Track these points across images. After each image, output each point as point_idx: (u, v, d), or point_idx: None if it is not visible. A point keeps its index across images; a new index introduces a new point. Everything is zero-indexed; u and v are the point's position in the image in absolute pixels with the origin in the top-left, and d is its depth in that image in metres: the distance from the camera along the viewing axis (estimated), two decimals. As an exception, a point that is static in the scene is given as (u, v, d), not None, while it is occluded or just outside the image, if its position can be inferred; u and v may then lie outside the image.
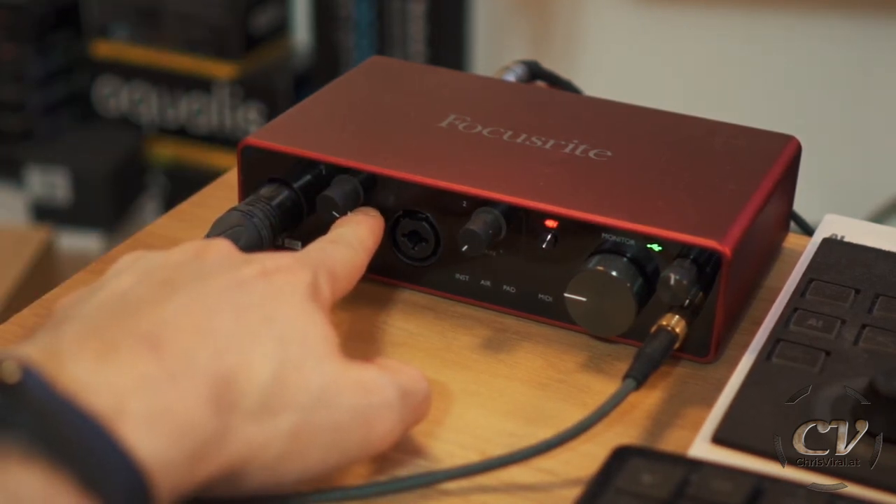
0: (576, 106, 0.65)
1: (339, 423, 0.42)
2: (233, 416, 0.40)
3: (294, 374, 0.42)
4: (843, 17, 1.66)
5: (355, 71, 0.68)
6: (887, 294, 0.54)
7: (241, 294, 0.43)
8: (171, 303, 0.42)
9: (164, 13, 1.85)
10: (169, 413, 0.38)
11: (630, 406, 0.51)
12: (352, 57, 1.79)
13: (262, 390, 0.41)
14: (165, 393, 0.38)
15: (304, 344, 0.43)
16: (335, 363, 0.43)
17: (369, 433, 0.43)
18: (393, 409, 0.44)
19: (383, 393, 0.44)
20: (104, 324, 0.40)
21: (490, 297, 0.57)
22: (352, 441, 0.43)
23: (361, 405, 0.43)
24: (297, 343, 0.42)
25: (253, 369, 0.41)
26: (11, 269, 1.52)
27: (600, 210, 0.53)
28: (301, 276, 0.45)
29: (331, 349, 0.44)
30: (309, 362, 0.42)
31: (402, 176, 0.56)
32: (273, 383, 0.41)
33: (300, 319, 0.43)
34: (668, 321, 0.51)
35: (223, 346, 0.41)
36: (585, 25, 1.78)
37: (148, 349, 0.39)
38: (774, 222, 0.60)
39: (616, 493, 0.42)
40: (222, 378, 0.40)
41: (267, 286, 0.44)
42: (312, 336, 0.43)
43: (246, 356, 0.41)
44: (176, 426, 0.38)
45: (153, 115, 1.92)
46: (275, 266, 0.45)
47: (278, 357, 0.42)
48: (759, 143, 0.60)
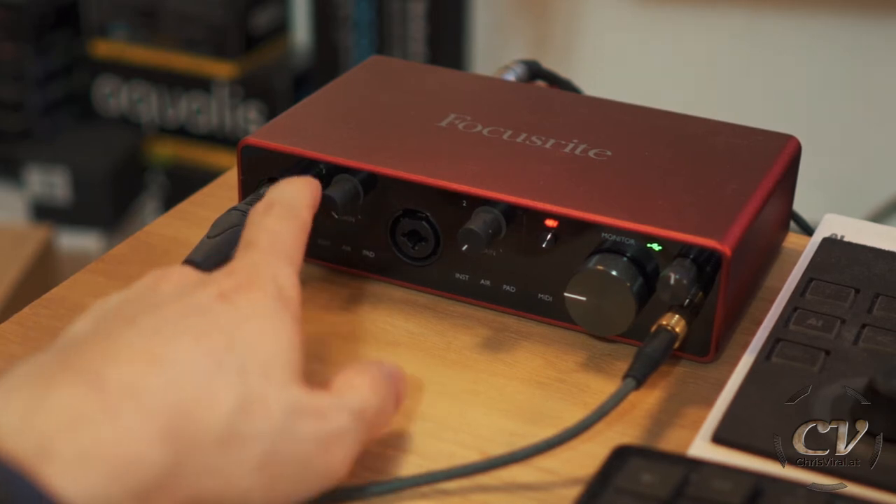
0: (576, 105, 0.65)
1: (303, 454, 0.41)
2: (192, 449, 0.39)
3: (257, 405, 0.40)
4: (843, 17, 1.66)
5: (355, 70, 0.68)
6: (887, 293, 0.54)
7: (199, 320, 0.41)
8: (121, 337, 0.40)
9: (163, 13, 1.85)
10: (106, 450, 0.36)
11: (630, 405, 0.51)
12: (351, 56, 1.79)
13: (226, 421, 0.39)
14: (102, 429, 0.37)
15: (266, 372, 0.41)
16: (295, 391, 0.42)
17: (330, 460, 0.42)
18: (348, 433, 0.43)
19: (338, 419, 0.43)
20: (45, 369, 0.39)
21: (490, 297, 0.57)
22: (316, 470, 0.42)
23: (321, 433, 0.42)
24: (258, 372, 0.41)
25: (214, 400, 0.39)
26: (11, 268, 1.52)
27: (600, 209, 0.53)
28: (261, 289, 0.44)
29: (292, 375, 0.42)
30: (271, 391, 0.41)
31: (402, 175, 0.56)
32: (236, 414, 0.40)
33: (263, 344, 0.42)
34: (668, 321, 0.51)
35: (179, 376, 0.39)
36: (585, 25, 1.78)
37: (87, 386, 0.38)
38: (774, 222, 0.60)
39: (616, 493, 0.42)
40: (178, 410, 0.39)
41: (227, 309, 0.42)
42: (275, 362, 0.42)
43: (207, 387, 0.40)
44: (115, 464, 0.36)
45: (153, 114, 1.92)
46: (232, 286, 0.43)
47: (241, 386, 0.40)
48: (759, 143, 0.60)
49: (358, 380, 0.45)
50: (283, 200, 0.49)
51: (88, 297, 0.57)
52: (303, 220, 0.49)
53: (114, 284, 0.58)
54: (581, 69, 1.76)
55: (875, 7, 1.64)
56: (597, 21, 1.77)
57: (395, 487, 0.46)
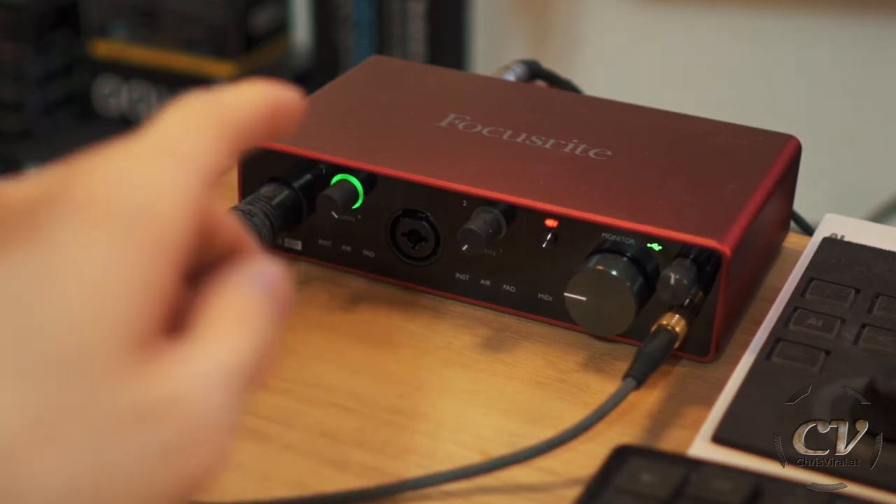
0: (575, 105, 0.65)
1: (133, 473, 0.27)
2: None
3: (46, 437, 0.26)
4: (843, 17, 1.66)
5: (355, 70, 0.68)
6: (887, 293, 0.54)
7: None
8: None
9: (163, 13, 1.85)
10: None
11: (630, 405, 0.51)
12: (351, 56, 1.79)
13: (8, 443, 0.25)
14: None
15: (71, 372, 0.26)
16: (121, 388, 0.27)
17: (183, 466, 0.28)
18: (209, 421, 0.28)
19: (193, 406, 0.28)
20: None
21: (490, 297, 0.57)
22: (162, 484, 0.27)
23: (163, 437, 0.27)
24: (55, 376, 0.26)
25: None
26: (11, 268, 1.51)
27: (600, 209, 0.53)
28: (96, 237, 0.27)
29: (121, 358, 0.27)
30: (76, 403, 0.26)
31: (402, 175, 0.56)
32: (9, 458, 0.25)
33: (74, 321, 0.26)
34: (668, 320, 0.51)
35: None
36: (585, 25, 1.78)
37: None
38: (774, 222, 0.60)
39: (616, 493, 0.42)
40: None
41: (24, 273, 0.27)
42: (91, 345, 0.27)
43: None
44: None
45: (153, 114, 1.92)
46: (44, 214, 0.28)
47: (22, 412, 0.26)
48: (758, 143, 0.60)
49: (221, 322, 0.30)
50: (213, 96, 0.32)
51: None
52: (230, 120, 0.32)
53: (114, 284, 0.58)
54: (581, 69, 1.76)
55: (875, 7, 1.64)
56: (597, 21, 1.77)
57: (398, 489, 0.46)
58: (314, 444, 0.49)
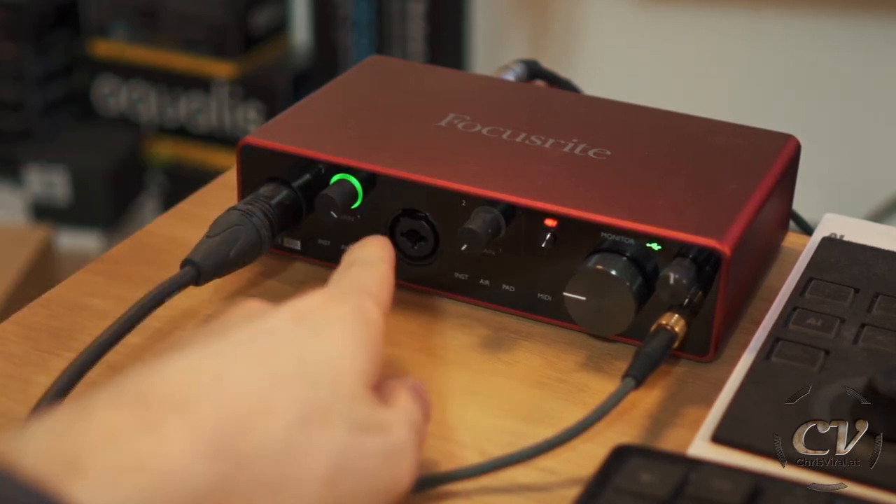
0: (575, 105, 0.65)
1: (370, 469, 0.40)
2: (245, 464, 0.36)
3: (321, 418, 0.39)
4: (843, 17, 1.66)
5: (354, 70, 0.68)
6: (886, 293, 0.54)
7: (267, 340, 0.40)
8: (177, 361, 0.38)
9: (163, 12, 1.85)
10: (143, 463, 0.35)
11: (629, 405, 0.51)
12: (351, 56, 1.79)
13: (285, 434, 0.37)
14: (140, 443, 0.35)
15: (335, 386, 0.40)
16: (363, 406, 0.40)
17: (395, 475, 0.41)
18: (409, 446, 0.42)
19: (400, 433, 0.41)
20: (92, 396, 0.37)
21: (489, 297, 0.57)
22: (384, 484, 0.41)
23: (387, 448, 0.41)
24: (327, 385, 0.39)
25: (274, 412, 0.38)
26: (11, 268, 1.52)
27: (600, 209, 0.53)
28: (341, 307, 0.42)
29: (363, 389, 0.41)
30: (339, 405, 0.39)
31: (402, 175, 0.56)
32: (297, 427, 0.38)
33: (337, 356, 0.40)
34: (668, 320, 0.51)
35: (236, 392, 0.37)
36: (585, 25, 1.78)
37: (130, 404, 0.36)
38: (774, 221, 0.60)
39: (615, 492, 0.42)
40: (231, 422, 0.37)
41: (300, 328, 0.41)
42: (346, 375, 0.40)
43: (265, 400, 0.38)
44: (153, 477, 0.34)
45: (152, 114, 1.92)
46: (308, 307, 0.42)
47: (304, 400, 0.39)
48: (758, 143, 0.60)
49: (403, 392, 0.44)
50: (362, 256, 0.47)
51: (88, 297, 0.57)
52: (383, 269, 0.47)
53: (113, 284, 0.58)
54: (581, 69, 1.76)
55: (875, 7, 1.64)
56: (597, 21, 1.77)
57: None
58: (313, 444, 0.48)
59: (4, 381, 0.52)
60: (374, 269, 0.46)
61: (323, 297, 0.43)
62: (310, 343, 0.40)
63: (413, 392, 0.44)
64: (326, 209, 0.55)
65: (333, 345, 0.41)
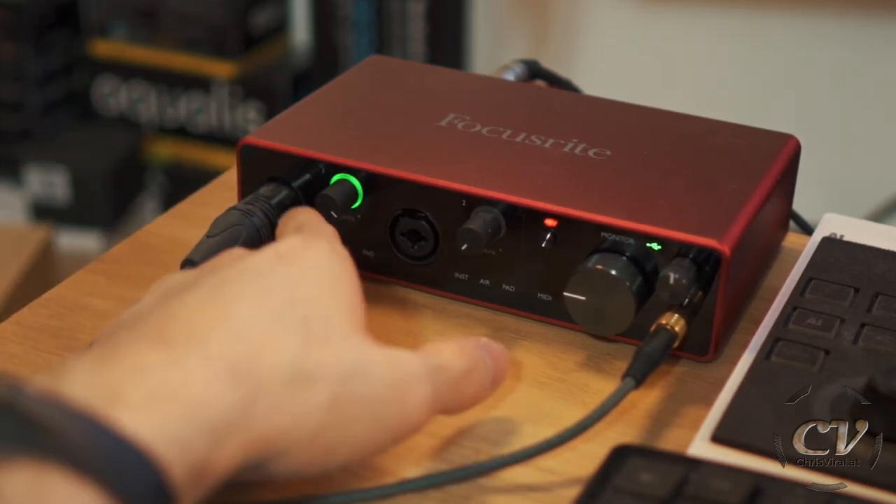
0: (575, 105, 0.65)
1: (375, 394, 0.42)
2: (260, 389, 0.39)
3: (323, 348, 0.42)
4: (843, 17, 1.66)
5: (354, 70, 0.68)
6: (886, 293, 0.54)
7: (259, 280, 0.43)
8: (183, 301, 0.42)
9: (163, 12, 1.85)
10: (173, 392, 0.38)
11: (629, 405, 0.51)
12: (351, 56, 1.79)
13: (292, 362, 0.41)
14: (168, 375, 0.38)
15: (327, 323, 0.42)
16: (361, 338, 0.43)
17: (404, 405, 0.43)
18: (423, 380, 0.44)
19: (411, 365, 0.44)
20: (112, 337, 0.41)
21: (489, 296, 0.57)
22: (390, 413, 0.43)
23: (393, 376, 0.43)
24: (320, 322, 0.42)
25: (279, 345, 0.41)
26: (10, 268, 1.52)
27: (600, 209, 0.53)
28: (317, 250, 0.45)
29: (356, 326, 0.44)
30: (335, 337, 0.42)
31: (402, 175, 0.56)
32: (303, 356, 0.41)
33: (324, 299, 0.43)
34: (668, 320, 0.51)
35: (242, 328, 0.41)
36: (585, 25, 1.78)
37: (152, 343, 0.39)
38: (774, 221, 0.60)
39: (615, 492, 0.42)
40: (243, 356, 0.40)
41: (286, 268, 0.44)
42: (337, 315, 0.43)
43: (270, 334, 0.41)
44: (185, 403, 0.38)
45: (152, 114, 1.92)
46: (288, 249, 0.45)
47: (304, 334, 0.41)
48: (758, 143, 0.60)
49: (443, 345, 0.46)
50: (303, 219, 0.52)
51: (88, 296, 0.57)
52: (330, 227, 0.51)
53: (113, 284, 0.58)
54: (581, 69, 1.76)
55: (875, 7, 1.64)
56: (597, 21, 1.77)
57: (398, 489, 0.45)
58: (313, 444, 0.48)
59: (4, 381, 0.51)
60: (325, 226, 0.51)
61: (299, 239, 0.46)
62: (295, 286, 0.43)
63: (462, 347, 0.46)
64: (326, 209, 0.55)
65: (316, 287, 0.43)
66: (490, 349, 0.47)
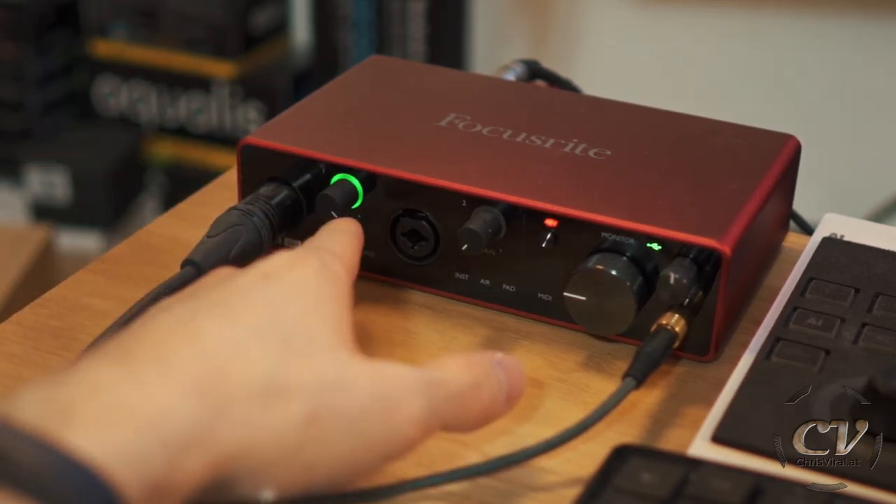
0: (575, 105, 0.65)
1: (358, 408, 0.40)
2: (229, 403, 0.38)
3: (302, 361, 0.40)
4: (843, 17, 1.66)
5: (354, 70, 0.68)
6: (887, 293, 0.54)
7: (239, 300, 0.41)
8: (157, 321, 0.40)
9: (163, 12, 1.85)
10: (128, 407, 0.36)
11: (630, 405, 0.51)
12: (351, 56, 1.79)
13: (267, 376, 0.39)
14: (124, 391, 0.37)
15: (310, 339, 0.41)
16: (347, 353, 0.42)
17: (391, 420, 0.41)
18: (415, 394, 0.41)
19: (401, 379, 0.42)
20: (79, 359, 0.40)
21: (489, 296, 0.57)
22: (375, 429, 0.41)
23: (379, 390, 0.41)
24: (303, 339, 0.41)
25: (253, 358, 0.39)
26: (10, 268, 1.52)
27: (600, 209, 0.53)
28: (306, 267, 0.44)
29: (342, 342, 0.42)
30: (318, 353, 0.41)
31: (402, 175, 0.56)
32: (279, 370, 0.39)
33: (308, 318, 0.42)
34: (668, 320, 0.51)
35: (212, 344, 0.39)
36: (585, 25, 1.78)
37: (112, 362, 0.38)
38: (774, 221, 0.60)
39: (615, 492, 0.42)
40: (210, 370, 0.38)
41: (270, 288, 0.42)
42: (321, 332, 0.41)
43: (243, 350, 0.39)
44: (142, 416, 0.36)
45: (152, 114, 1.92)
46: (274, 267, 0.43)
47: (282, 349, 0.40)
48: (758, 143, 0.60)
49: (449, 359, 0.44)
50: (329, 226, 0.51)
51: (88, 296, 0.57)
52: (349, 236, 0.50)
53: (114, 284, 0.58)
54: (581, 69, 1.76)
55: (875, 7, 1.64)
56: (597, 21, 1.77)
57: (398, 489, 0.45)
58: (314, 444, 0.48)
59: (4, 381, 0.52)
60: (339, 234, 0.50)
61: (288, 256, 0.44)
62: (279, 306, 0.41)
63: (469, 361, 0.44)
64: (327, 209, 0.55)
65: (301, 307, 0.42)
66: (505, 365, 0.45)
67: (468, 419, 0.44)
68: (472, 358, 0.44)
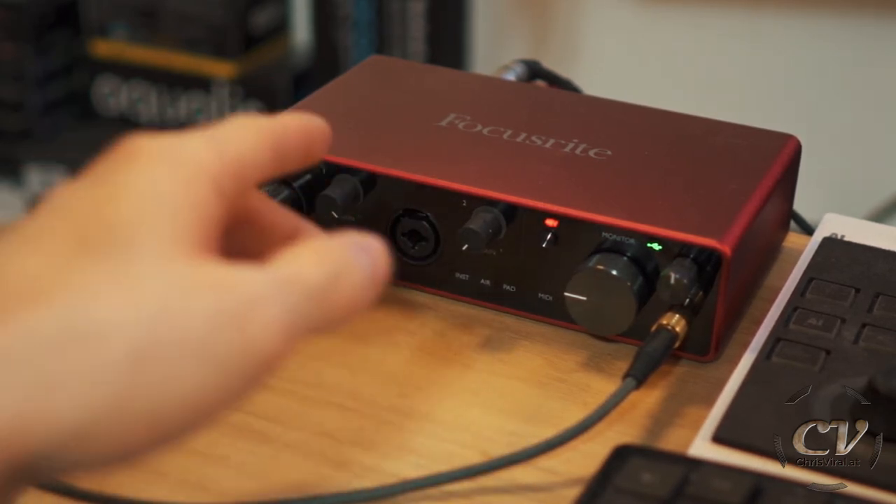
0: (575, 105, 0.65)
1: (194, 332, 0.32)
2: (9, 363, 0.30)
3: (119, 289, 0.32)
4: (843, 17, 1.66)
5: (355, 70, 0.68)
6: (887, 293, 0.54)
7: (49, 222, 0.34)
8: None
9: (163, 12, 1.85)
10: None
11: (630, 405, 0.51)
12: (351, 56, 1.79)
13: (61, 321, 0.31)
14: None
15: (137, 251, 0.33)
16: (182, 264, 0.33)
17: (243, 335, 0.33)
18: (268, 301, 0.34)
19: (249, 286, 0.34)
20: None
21: (490, 296, 0.57)
22: (224, 350, 0.33)
23: (219, 305, 0.33)
24: (125, 252, 0.33)
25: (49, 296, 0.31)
26: (11, 268, 1.51)
27: (600, 209, 0.53)
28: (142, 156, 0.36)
29: (180, 247, 0.34)
30: (145, 269, 0.33)
31: (402, 175, 0.56)
32: (82, 308, 0.31)
33: (135, 218, 0.33)
34: (668, 320, 0.51)
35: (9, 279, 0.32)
36: (585, 25, 1.78)
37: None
38: (774, 221, 0.60)
39: (616, 492, 0.42)
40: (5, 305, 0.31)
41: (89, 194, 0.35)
42: (152, 236, 0.33)
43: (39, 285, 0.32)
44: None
45: (152, 114, 1.92)
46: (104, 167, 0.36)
47: (93, 274, 0.32)
48: (759, 143, 0.60)
49: (300, 250, 0.36)
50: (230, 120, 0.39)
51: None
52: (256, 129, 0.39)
53: (114, 284, 0.58)
54: (581, 69, 1.76)
55: (875, 7, 1.64)
56: (597, 21, 1.77)
57: (398, 489, 0.46)
58: (314, 444, 0.49)
59: (5, 381, 0.51)
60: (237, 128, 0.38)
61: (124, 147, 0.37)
62: (97, 212, 0.34)
63: (322, 248, 0.37)
64: (327, 209, 0.55)
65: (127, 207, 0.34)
66: (363, 245, 0.38)
67: (334, 315, 0.36)
68: (321, 246, 0.37)
